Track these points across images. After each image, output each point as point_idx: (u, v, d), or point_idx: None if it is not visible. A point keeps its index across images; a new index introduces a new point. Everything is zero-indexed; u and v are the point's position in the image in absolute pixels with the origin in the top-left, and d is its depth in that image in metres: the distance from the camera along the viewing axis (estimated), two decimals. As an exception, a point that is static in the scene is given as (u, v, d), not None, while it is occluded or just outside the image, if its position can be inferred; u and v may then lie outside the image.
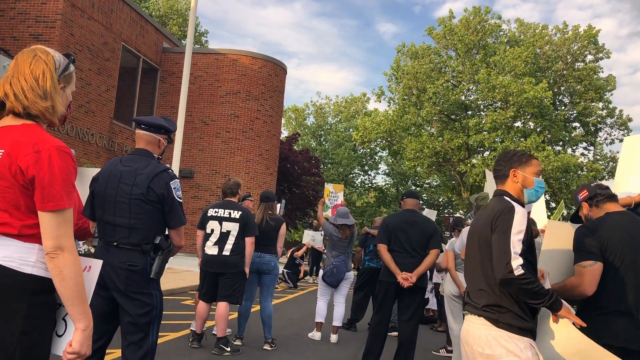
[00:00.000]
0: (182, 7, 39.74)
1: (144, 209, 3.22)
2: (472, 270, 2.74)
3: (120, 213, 3.23)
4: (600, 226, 3.01)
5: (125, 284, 3.15)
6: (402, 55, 34.24)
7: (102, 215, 3.29)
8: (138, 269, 3.17)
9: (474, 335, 2.61)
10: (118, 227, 3.22)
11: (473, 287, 2.70)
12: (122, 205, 3.23)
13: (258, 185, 20.22)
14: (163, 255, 3.26)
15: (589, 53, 32.38)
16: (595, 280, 2.90)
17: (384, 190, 44.92)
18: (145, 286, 3.19)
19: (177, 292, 10.02)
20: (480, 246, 2.66)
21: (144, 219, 3.22)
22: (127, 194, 3.23)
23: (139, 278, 3.18)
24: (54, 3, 15.18)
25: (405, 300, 5.43)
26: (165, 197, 3.25)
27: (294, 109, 49.90)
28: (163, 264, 3.27)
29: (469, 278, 2.78)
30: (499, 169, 2.83)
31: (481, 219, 2.73)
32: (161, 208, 3.26)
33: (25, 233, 1.82)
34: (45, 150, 1.81)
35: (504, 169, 2.81)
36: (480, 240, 2.66)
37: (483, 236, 2.65)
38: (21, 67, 1.90)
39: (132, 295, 3.16)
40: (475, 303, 2.64)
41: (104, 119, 17.37)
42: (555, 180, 29.53)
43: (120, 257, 3.18)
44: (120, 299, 3.19)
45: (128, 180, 3.26)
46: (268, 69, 21.28)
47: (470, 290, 2.74)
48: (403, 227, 5.45)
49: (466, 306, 2.74)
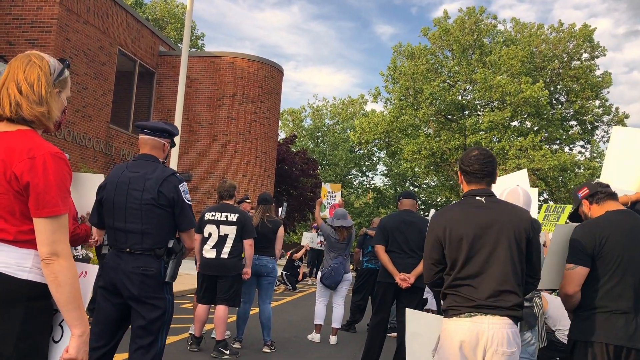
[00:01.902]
0: (179, 12, 39.74)
1: (155, 213, 3.24)
2: (493, 270, 2.61)
3: (132, 219, 3.24)
4: (598, 224, 3.01)
5: (139, 289, 3.16)
6: (398, 55, 34.28)
7: (112, 222, 3.29)
8: (152, 273, 3.19)
9: (500, 335, 2.55)
10: (130, 233, 3.23)
11: (492, 288, 2.59)
12: (133, 211, 3.24)
13: (256, 187, 20.21)
14: (176, 258, 3.29)
15: (585, 51, 32.46)
16: (574, 283, 2.93)
17: (382, 191, 44.92)
18: (159, 290, 3.21)
19: (175, 296, 9.99)
20: (510, 246, 2.63)
21: (155, 224, 3.24)
22: (137, 200, 3.25)
23: (154, 282, 3.19)
24: (49, 8, 15.18)
25: (403, 300, 5.44)
26: (176, 201, 3.28)
27: (290, 111, 49.91)
28: (177, 267, 3.31)
29: (487, 279, 2.61)
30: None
31: (507, 215, 2.68)
32: (172, 211, 3.29)
33: (21, 239, 1.82)
34: (40, 156, 1.81)
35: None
36: (510, 241, 2.64)
37: (516, 237, 2.64)
38: (15, 72, 1.89)
39: (147, 300, 3.18)
40: (502, 303, 2.58)
41: (101, 123, 17.35)
42: (553, 179, 29.58)
43: (133, 263, 3.19)
44: (134, 305, 3.19)
45: (137, 186, 3.27)
46: (264, 71, 21.29)
47: (486, 290, 2.59)
48: (400, 227, 5.46)
49: (483, 309, 2.58)
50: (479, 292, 2.61)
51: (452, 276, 2.69)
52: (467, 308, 2.60)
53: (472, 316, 2.59)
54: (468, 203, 2.77)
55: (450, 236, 2.69)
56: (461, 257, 2.65)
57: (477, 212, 2.71)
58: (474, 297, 2.60)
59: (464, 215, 2.72)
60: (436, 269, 2.78)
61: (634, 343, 2.81)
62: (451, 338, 2.62)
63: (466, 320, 2.59)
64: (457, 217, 2.72)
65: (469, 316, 2.59)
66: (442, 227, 2.73)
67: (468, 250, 2.65)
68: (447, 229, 2.70)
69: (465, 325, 2.59)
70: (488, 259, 2.64)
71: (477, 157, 2.80)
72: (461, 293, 2.64)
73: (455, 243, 2.68)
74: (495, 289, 2.60)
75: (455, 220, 2.71)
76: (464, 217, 2.71)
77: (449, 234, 2.69)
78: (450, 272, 2.70)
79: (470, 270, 2.64)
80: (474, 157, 2.81)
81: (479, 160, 2.79)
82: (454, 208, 2.81)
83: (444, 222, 2.74)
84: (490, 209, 2.72)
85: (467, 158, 2.83)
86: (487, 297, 2.59)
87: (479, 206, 2.73)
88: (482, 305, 2.59)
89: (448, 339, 2.63)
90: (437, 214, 2.87)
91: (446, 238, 2.70)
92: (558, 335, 5.38)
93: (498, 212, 2.71)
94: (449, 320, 2.66)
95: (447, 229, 2.70)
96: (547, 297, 5.63)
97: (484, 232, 2.66)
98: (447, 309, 2.69)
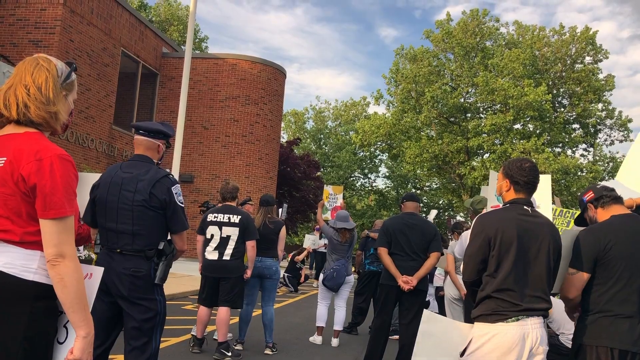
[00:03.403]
0: (183, 14, 39.80)
1: (146, 215, 3.24)
2: (534, 276, 2.79)
3: (123, 220, 3.24)
4: (603, 229, 3.01)
5: (129, 290, 3.16)
6: (400, 58, 34.27)
7: (104, 222, 3.29)
8: (142, 274, 3.18)
9: (540, 335, 2.74)
10: (121, 233, 3.23)
11: (532, 293, 2.77)
12: (125, 212, 3.24)
13: (258, 189, 20.22)
14: (167, 260, 3.28)
15: (587, 54, 32.43)
16: (575, 287, 2.99)
17: (384, 193, 44.90)
18: (149, 292, 3.21)
19: (178, 297, 10.01)
20: (549, 258, 2.81)
21: (147, 225, 3.24)
22: (129, 201, 3.24)
23: (143, 284, 3.19)
24: (53, 9, 15.21)
25: (405, 303, 5.43)
26: (168, 203, 3.27)
27: (293, 113, 49.95)
28: (167, 269, 3.29)
29: (529, 284, 2.78)
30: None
31: (547, 227, 2.88)
32: (163, 213, 3.28)
33: (27, 240, 1.83)
34: (47, 158, 1.82)
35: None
36: (549, 251, 2.82)
37: (554, 248, 2.84)
38: (23, 75, 1.91)
39: (137, 301, 3.18)
40: (538, 306, 2.76)
41: (104, 124, 17.38)
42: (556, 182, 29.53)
43: (124, 264, 3.19)
44: (124, 305, 3.20)
45: (130, 187, 3.26)
46: (267, 73, 21.31)
47: (527, 294, 2.76)
48: (403, 230, 5.46)
49: (526, 311, 2.74)
50: (522, 296, 2.75)
51: (497, 279, 2.79)
52: (514, 312, 2.73)
53: (520, 319, 2.73)
54: (516, 210, 2.90)
55: (502, 238, 2.80)
56: (509, 261, 2.77)
57: (527, 219, 2.86)
58: (518, 302, 2.74)
59: (515, 221, 2.84)
60: (481, 268, 2.88)
61: (639, 347, 2.81)
62: (497, 342, 2.72)
63: (514, 324, 2.72)
64: (509, 222, 2.84)
65: (516, 319, 2.72)
66: (495, 228, 2.83)
67: (516, 255, 2.78)
68: (500, 231, 2.82)
69: (513, 329, 2.72)
70: (531, 266, 2.79)
71: (532, 170, 2.95)
72: (507, 297, 2.75)
73: (505, 246, 2.80)
74: (534, 294, 2.77)
75: (507, 224, 2.83)
76: (514, 223, 2.83)
77: (501, 236, 2.80)
78: (495, 275, 2.80)
79: (517, 275, 2.77)
80: (529, 168, 2.95)
81: (532, 172, 2.95)
82: (504, 212, 2.93)
83: (496, 224, 2.85)
84: (535, 218, 2.88)
85: (521, 169, 2.95)
86: (529, 300, 2.75)
87: (527, 214, 2.89)
88: (527, 308, 2.74)
89: (492, 343, 2.73)
90: (487, 215, 2.99)
91: (497, 240, 2.81)
92: (562, 339, 5.37)
93: (541, 223, 2.88)
94: (493, 325, 2.75)
95: (500, 231, 2.82)
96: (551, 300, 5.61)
97: (530, 239, 2.81)
98: (490, 314, 2.78)
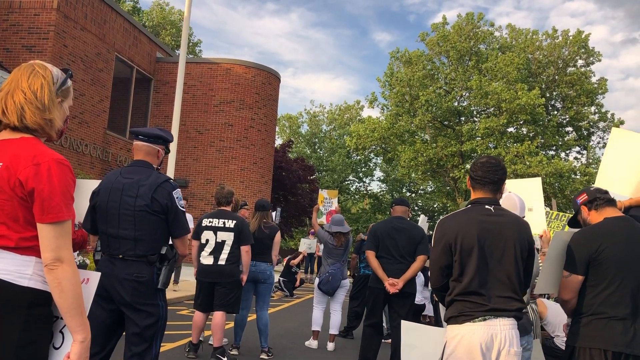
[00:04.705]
0: (176, 18, 39.82)
1: (148, 220, 3.24)
2: (501, 277, 2.73)
3: (125, 225, 3.23)
4: (596, 232, 3.02)
5: (132, 295, 3.16)
6: (395, 61, 34.36)
7: (105, 228, 3.29)
8: (145, 280, 3.18)
9: (510, 336, 2.68)
10: (123, 239, 3.23)
11: (501, 293, 2.71)
12: (127, 217, 3.24)
13: (253, 193, 20.20)
14: (169, 265, 3.29)
15: (580, 58, 32.64)
16: (569, 289, 2.99)
17: (378, 197, 44.94)
18: (152, 297, 3.21)
19: (173, 303, 9.98)
20: (516, 258, 2.75)
21: (148, 230, 3.24)
22: (131, 206, 3.24)
23: (146, 289, 3.19)
24: (46, 14, 15.18)
25: (394, 306, 5.47)
26: (169, 207, 3.28)
27: (287, 117, 49.97)
28: (169, 274, 3.30)
29: (496, 285, 2.72)
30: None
31: (514, 226, 2.79)
32: (165, 218, 3.28)
33: (23, 246, 1.83)
34: (45, 162, 1.83)
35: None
36: (516, 251, 2.75)
37: (521, 247, 2.76)
38: (19, 81, 1.91)
39: (139, 306, 3.17)
40: (509, 307, 2.71)
41: (98, 129, 17.34)
42: (549, 185, 29.65)
43: (126, 269, 3.18)
44: (127, 311, 3.19)
45: (131, 192, 3.26)
46: (261, 77, 21.33)
47: (495, 295, 2.70)
48: (391, 233, 5.49)
49: (494, 312, 2.68)
50: (489, 297, 2.71)
51: (462, 284, 2.74)
52: (480, 312, 2.68)
53: (487, 319, 2.67)
54: (477, 211, 2.83)
55: (462, 243, 2.74)
56: (472, 265, 2.72)
57: (489, 219, 2.79)
58: (485, 302, 2.69)
59: (475, 223, 2.78)
60: (445, 273, 2.83)
61: (633, 349, 2.82)
62: (466, 343, 2.68)
63: (481, 323, 2.67)
64: (468, 225, 2.77)
65: (483, 319, 2.67)
66: (454, 234, 2.77)
67: (479, 259, 2.72)
68: (459, 236, 2.76)
69: (480, 328, 2.67)
70: (497, 267, 2.74)
71: (483, 164, 2.88)
72: (473, 300, 2.71)
73: (467, 251, 2.74)
74: (502, 294, 2.71)
75: (467, 228, 2.77)
76: (475, 225, 2.77)
77: (460, 241, 2.75)
78: (460, 279, 2.75)
79: (481, 278, 2.72)
80: (480, 164, 2.90)
81: (484, 167, 2.87)
82: (464, 215, 2.85)
83: (456, 228, 2.79)
84: (499, 217, 2.80)
85: (474, 164, 2.92)
86: (497, 301, 2.70)
87: (489, 214, 2.80)
88: (493, 308, 2.69)
89: (462, 344, 2.69)
90: (447, 220, 2.91)
91: (457, 245, 2.75)
92: (557, 341, 5.40)
93: (505, 222, 2.80)
94: (461, 326, 2.71)
95: (459, 237, 2.76)
96: (545, 303, 5.64)
97: (494, 240, 2.75)
98: (458, 315, 2.74)
